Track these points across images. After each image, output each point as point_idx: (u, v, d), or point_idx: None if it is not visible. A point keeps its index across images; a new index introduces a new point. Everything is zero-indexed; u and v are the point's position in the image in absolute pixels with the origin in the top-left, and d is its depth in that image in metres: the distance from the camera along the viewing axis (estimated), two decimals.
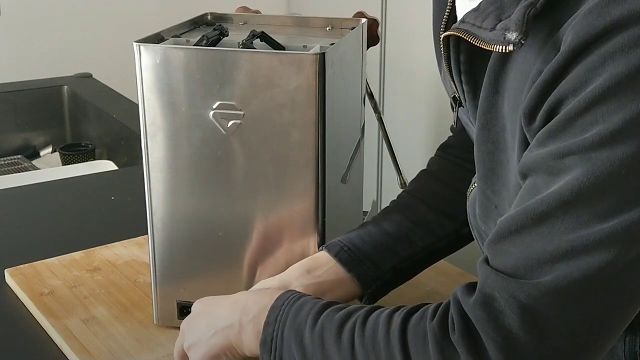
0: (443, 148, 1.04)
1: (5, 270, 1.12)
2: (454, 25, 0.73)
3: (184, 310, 0.96)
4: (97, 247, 1.19)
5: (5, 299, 1.08)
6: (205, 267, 0.94)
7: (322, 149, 0.87)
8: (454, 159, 1.00)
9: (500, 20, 0.67)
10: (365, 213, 1.21)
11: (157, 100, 0.88)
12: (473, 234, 0.89)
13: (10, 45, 2.70)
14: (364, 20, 1.03)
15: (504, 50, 0.65)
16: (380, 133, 1.13)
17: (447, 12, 0.82)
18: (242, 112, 0.86)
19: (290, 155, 0.87)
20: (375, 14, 1.00)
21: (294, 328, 0.75)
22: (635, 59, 0.57)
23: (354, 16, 1.06)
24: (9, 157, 2.03)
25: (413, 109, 2.59)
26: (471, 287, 0.66)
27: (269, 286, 0.88)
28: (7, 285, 1.11)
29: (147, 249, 0.96)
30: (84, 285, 1.08)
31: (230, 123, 0.87)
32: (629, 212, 0.59)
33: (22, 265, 1.13)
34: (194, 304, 0.87)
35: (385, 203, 1.00)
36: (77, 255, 1.17)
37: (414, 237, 0.94)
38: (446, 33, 0.74)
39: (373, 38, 1.08)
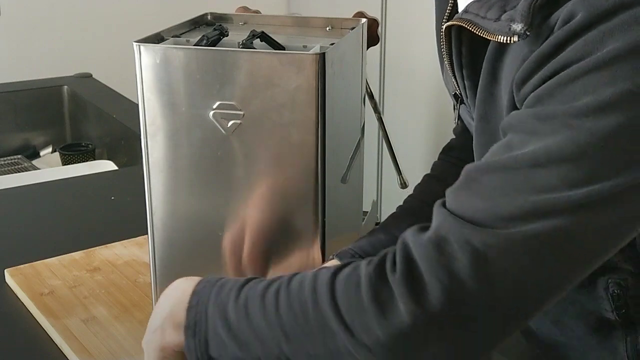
0: (446, 151, 1.04)
1: (5, 270, 1.12)
2: (456, 15, 0.73)
3: None
4: (97, 247, 1.19)
5: (5, 299, 1.08)
6: (205, 267, 0.94)
7: (322, 149, 0.87)
8: (457, 161, 1.00)
9: (505, 11, 0.67)
10: (365, 213, 1.21)
11: (157, 100, 0.88)
12: None
13: (10, 45, 2.70)
14: (364, 20, 1.03)
15: (508, 41, 0.66)
16: (380, 133, 1.13)
17: (450, 5, 0.82)
18: (242, 112, 0.86)
19: (290, 155, 0.87)
20: (375, 14, 1.00)
21: (217, 305, 0.73)
22: (635, 36, 0.58)
23: (354, 16, 1.05)
24: (9, 157, 2.03)
25: (413, 109, 2.59)
26: (423, 228, 0.66)
27: None
28: (7, 285, 1.11)
29: (147, 249, 0.96)
30: (84, 285, 1.08)
31: (230, 123, 0.87)
32: (597, 183, 0.59)
33: (22, 265, 1.13)
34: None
35: (385, 203, 1.00)
36: (77, 255, 1.17)
37: None
38: (448, 23, 0.74)
39: (373, 38, 1.08)
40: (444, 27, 0.76)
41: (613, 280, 0.76)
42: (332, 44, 0.91)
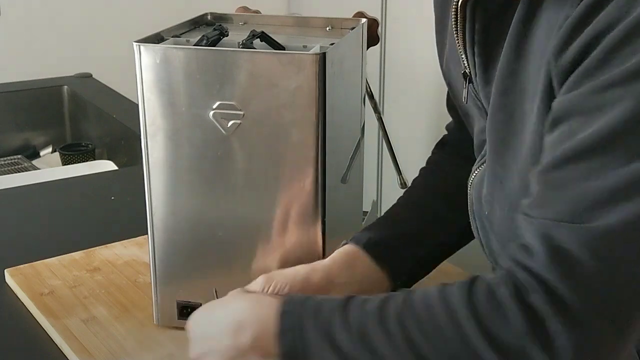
0: (439, 146, 1.04)
1: (5, 270, 1.12)
2: None
3: (184, 310, 0.96)
4: (97, 247, 1.19)
5: (5, 299, 1.08)
6: (205, 267, 0.94)
7: (322, 149, 0.87)
8: (452, 157, 1.01)
9: None
10: (365, 213, 1.21)
11: (157, 100, 0.88)
12: (473, 225, 0.89)
13: (10, 45, 2.69)
14: (364, 20, 1.03)
15: None
16: (380, 133, 1.13)
17: None
18: (242, 112, 0.86)
19: (290, 155, 0.87)
20: (375, 14, 1.00)
21: (319, 329, 0.68)
22: None
23: (354, 16, 1.05)
24: (9, 157, 2.03)
25: (413, 109, 2.59)
26: (525, 247, 0.62)
27: (312, 278, 0.83)
28: (7, 285, 1.11)
29: (147, 249, 0.96)
30: (84, 285, 1.08)
31: (230, 123, 0.87)
32: None
33: (22, 265, 1.13)
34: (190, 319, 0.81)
35: (385, 203, 1.01)
36: (77, 255, 1.17)
37: (432, 229, 0.94)
38: None
39: (373, 38, 1.08)
40: (459, 3, 0.74)
41: None
42: (332, 44, 0.91)
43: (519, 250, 0.63)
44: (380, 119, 1.12)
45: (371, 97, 1.11)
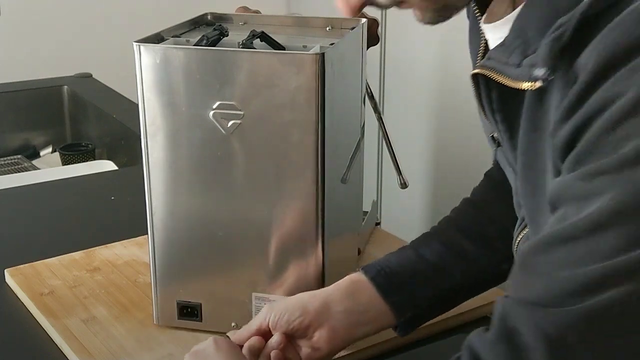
0: (488, 176, 0.99)
1: (5, 270, 1.12)
2: (480, 62, 0.70)
3: (184, 310, 0.96)
4: (97, 247, 1.19)
5: (5, 299, 1.08)
6: (205, 267, 0.94)
7: (322, 149, 0.87)
8: (498, 188, 0.95)
9: (527, 56, 0.64)
10: (365, 213, 1.21)
11: (157, 100, 0.88)
12: None
13: (10, 45, 2.69)
14: (364, 20, 1.03)
15: (532, 88, 0.63)
16: (380, 133, 1.13)
17: (482, 47, 0.78)
18: (242, 112, 0.86)
19: (290, 155, 0.87)
20: (375, 14, 0.99)
21: None
22: None
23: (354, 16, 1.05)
24: (9, 157, 2.03)
25: (413, 109, 2.59)
26: (486, 329, 0.62)
27: (310, 305, 0.84)
28: (7, 285, 1.11)
29: (147, 249, 0.96)
30: (84, 285, 1.08)
31: (230, 123, 0.87)
32: None
33: (22, 265, 1.13)
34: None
35: (385, 203, 1.00)
36: (77, 255, 1.17)
37: (453, 269, 0.90)
38: (474, 71, 0.71)
39: (373, 38, 1.08)
40: (470, 74, 0.72)
41: None
42: (332, 44, 0.91)
43: (480, 329, 0.62)
44: (380, 119, 1.12)
45: (371, 97, 1.11)
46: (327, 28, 1.03)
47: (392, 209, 2.55)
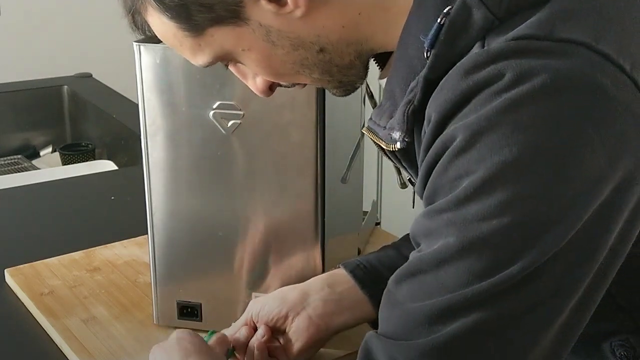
0: None
1: (5, 270, 1.12)
2: (367, 121, 0.73)
3: (184, 310, 0.96)
4: (97, 247, 1.19)
5: (5, 299, 1.08)
6: (205, 267, 0.94)
7: (322, 149, 0.87)
8: None
9: (392, 118, 0.67)
10: (365, 213, 1.21)
11: (157, 100, 0.88)
12: None
13: (10, 45, 2.70)
14: None
15: (393, 149, 0.67)
16: None
17: None
18: (242, 112, 0.86)
19: (290, 155, 0.87)
20: None
21: None
22: (486, 112, 0.57)
23: None
24: (9, 157, 2.03)
25: None
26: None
27: (288, 295, 0.87)
28: (7, 285, 1.11)
29: (147, 249, 0.96)
30: (84, 285, 1.08)
31: (230, 123, 0.87)
32: (505, 269, 0.57)
33: (22, 265, 1.13)
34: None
35: (385, 203, 1.00)
36: (77, 255, 1.17)
37: None
38: (363, 129, 0.74)
39: None
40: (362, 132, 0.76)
41: (616, 342, 0.73)
42: None
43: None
44: None
45: (371, 97, 1.11)
46: None
47: (392, 209, 2.55)
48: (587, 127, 0.57)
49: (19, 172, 1.90)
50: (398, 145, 0.66)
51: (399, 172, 1.18)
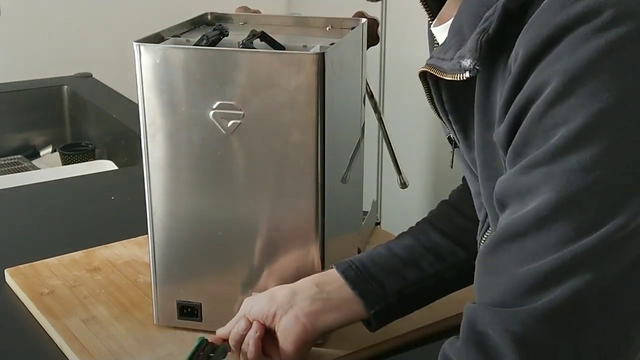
0: (464, 178, 0.99)
1: (5, 270, 1.12)
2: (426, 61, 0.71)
3: (184, 310, 0.96)
4: (97, 247, 1.19)
5: (5, 299, 1.08)
6: (205, 267, 0.94)
7: (322, 149, 0.87)
8: (455, 212, 0.97)
9: (460, 49, 0.66)
10: (365, 213, 1.21)
11: (157, 100, 0.88)
12: None
13: (10, 45, 2.70)
14: (364, 20, 1.03)
15: (460, 78, 0.64)
16: (380, 133, 1.13)
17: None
18: (242, 112, 0.86)
19: (290, 155, 0.87)
20: (375, 14, 0.99)
21: None
22: (585, 55, 0.55)
23: (354, 16, 1.05)
24: (9, 157, 2.03)
25: (413, 109, 2.59)
26: (457, 337, 0.62)
27: (277, 294, 0.87)
28: (7, 285, 1.11)
29: (147, 249, 0.96)
30: (84, 285, 1.08)
31: (230, 123, 0.87)
32: (612, 219, 0.55)
33: (22, 265, 1.13)
34: None
35: (385, 203, 1.00)
36: (77, 255, 1.17)
37: (423, 262, 0.91)
38: (419, 69, 0.72)
39: (373, 38, 1.08)
40: (418, 74, 0.73)
41: None
42: (332, 44, 0.91)
43: (452, 338, 0.63)
44: (380, 119, 1.12)
45: (371, 97, 1.11)
46: (327, 28, 1.03)
47: (392, 209, 2.55)
48: None
49: (19, 172, 1.90)
50: (467, 74, 0.63)
51: (399, 172, 1.18)
